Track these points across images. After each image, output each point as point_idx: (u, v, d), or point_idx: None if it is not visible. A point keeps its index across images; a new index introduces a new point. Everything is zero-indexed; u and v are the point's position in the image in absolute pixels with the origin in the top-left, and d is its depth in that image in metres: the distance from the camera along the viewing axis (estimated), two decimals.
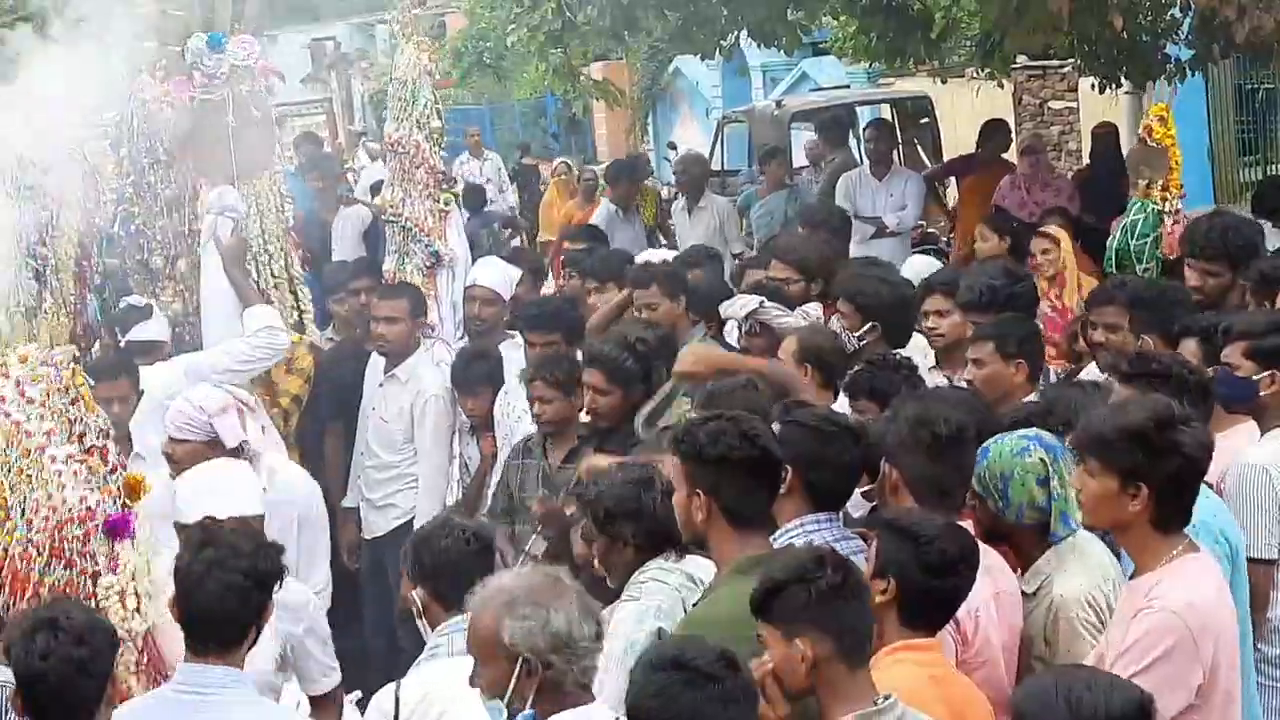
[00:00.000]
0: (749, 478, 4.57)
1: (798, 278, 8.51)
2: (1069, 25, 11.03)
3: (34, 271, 8.22)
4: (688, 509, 4.62)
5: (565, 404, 7.13)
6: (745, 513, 4.58)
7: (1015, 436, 4.85)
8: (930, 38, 13.27)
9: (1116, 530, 4.54)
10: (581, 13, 11.61)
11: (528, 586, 4.12)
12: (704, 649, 3.65)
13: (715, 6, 11.57)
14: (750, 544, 4.56)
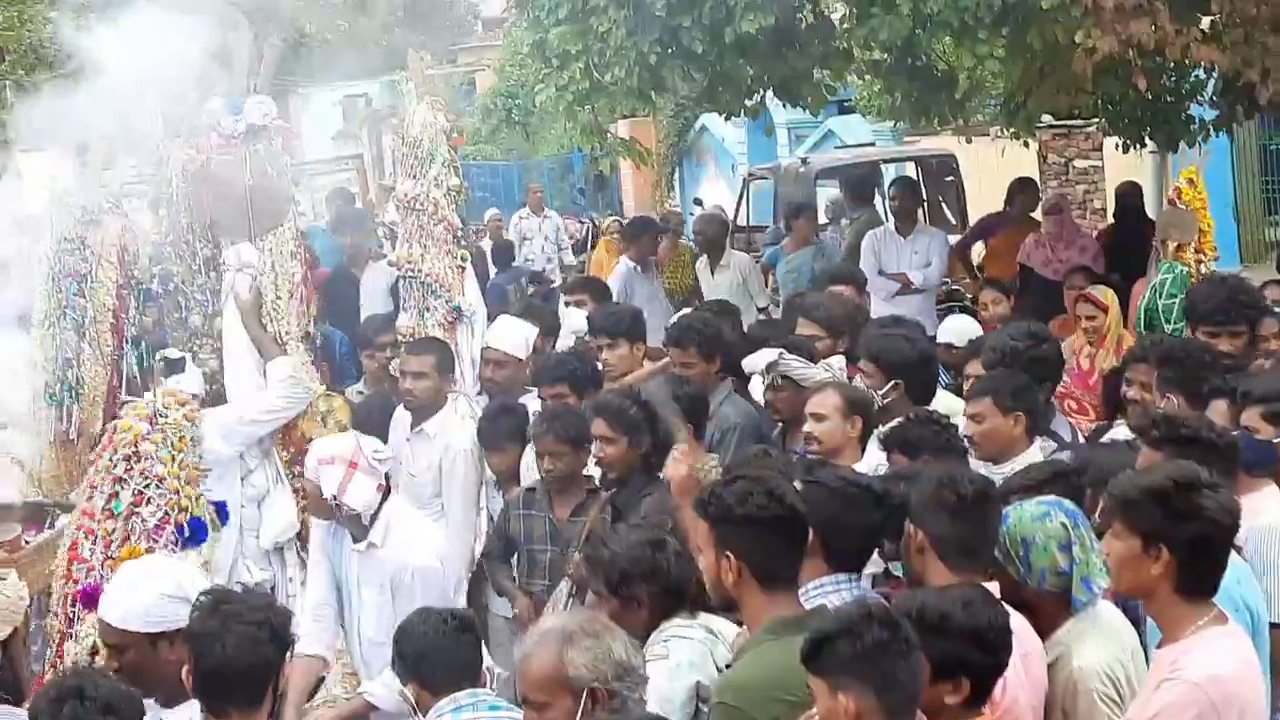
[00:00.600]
0: (776, 537, 4.56)
1: (824, 335, 8.56)
2: (1093, 86, 11.07)
3: (73, 323, 8.31)
4: (717, 571, 4.60)
5: (574, 458, 7.14)
6: (774, 573, 4.57)
7: (1035, 502, 4.85)
8: (955, 97, 13.29)
9: (1142, 596, 4.49)
10: (609, 73, 11.65)
11: (577, 621, 4.15)
12: None
13: (741, 66, 11.61)
14: (780, 604, 4.55)
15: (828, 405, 6.86)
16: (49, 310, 8.25)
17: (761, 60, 11.66)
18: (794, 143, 27.12)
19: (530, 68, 15.56)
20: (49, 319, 8.22)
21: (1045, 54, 10.66)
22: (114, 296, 8.47)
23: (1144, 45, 9.91)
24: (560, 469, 7.10)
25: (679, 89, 12.04)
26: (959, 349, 8.80)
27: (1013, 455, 6.47)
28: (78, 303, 8.33)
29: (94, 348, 8.36)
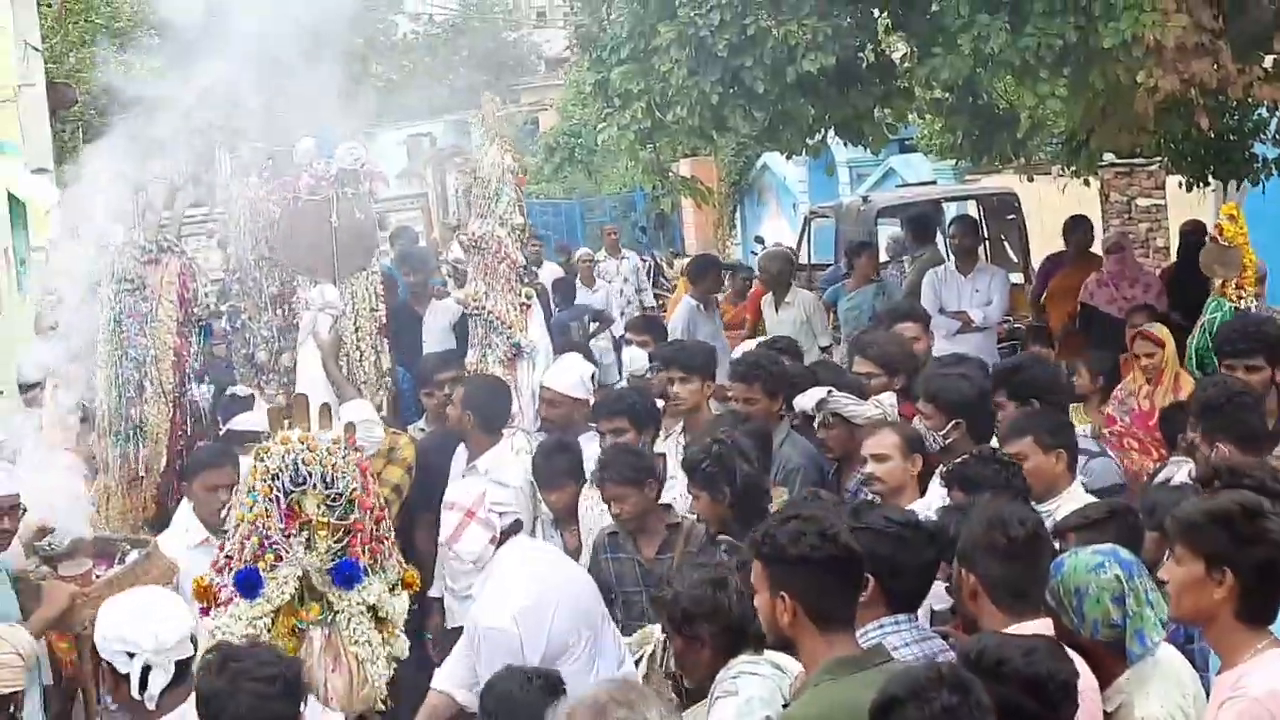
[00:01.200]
0: (831, 577, 4.52)
1: (879, 373, 8.55)
2: (1155, 125, 11.03)
3: (135, 362, 8.38)
4: (772, 612, 4.58)
5: (640, 497, 7.02)
6: (830, 613, 4.53)
7: (1091, 551, 4.76)
8: (1017, 136, 13.26)
9: (1203, 622, 4.47)
10: (670, 112, 11.69)
11: (610, 692, 4.03)
12: None
13: (802, 105, 11.62)
14: (837, 644, 4.51)
15: (888, 444, 6.86)
16: (111, 350, 8.33)
17: (823, 99, 11.66)
18: (855, 181, 27.15)
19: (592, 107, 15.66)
20: (112, 359, 8.30)
21: (1107, 93, 10.64)
22: (175, 334, 8.56)
23: (1206, 84, 9.89)
24: (629, 510, 7.00)
25: (740, 128, 12.05)
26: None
27: (1056, 493, 6.44)
28: (139, 342, 8.40)
29: (155, 386, 8.43)
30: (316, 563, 5.13)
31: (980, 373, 8.00)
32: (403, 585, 5.36)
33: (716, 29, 10.83)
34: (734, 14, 10.77)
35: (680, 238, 34.56)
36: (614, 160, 28.89)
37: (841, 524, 4.67)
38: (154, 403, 8.43)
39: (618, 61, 11.88)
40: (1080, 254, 13.58)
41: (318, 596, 5.27)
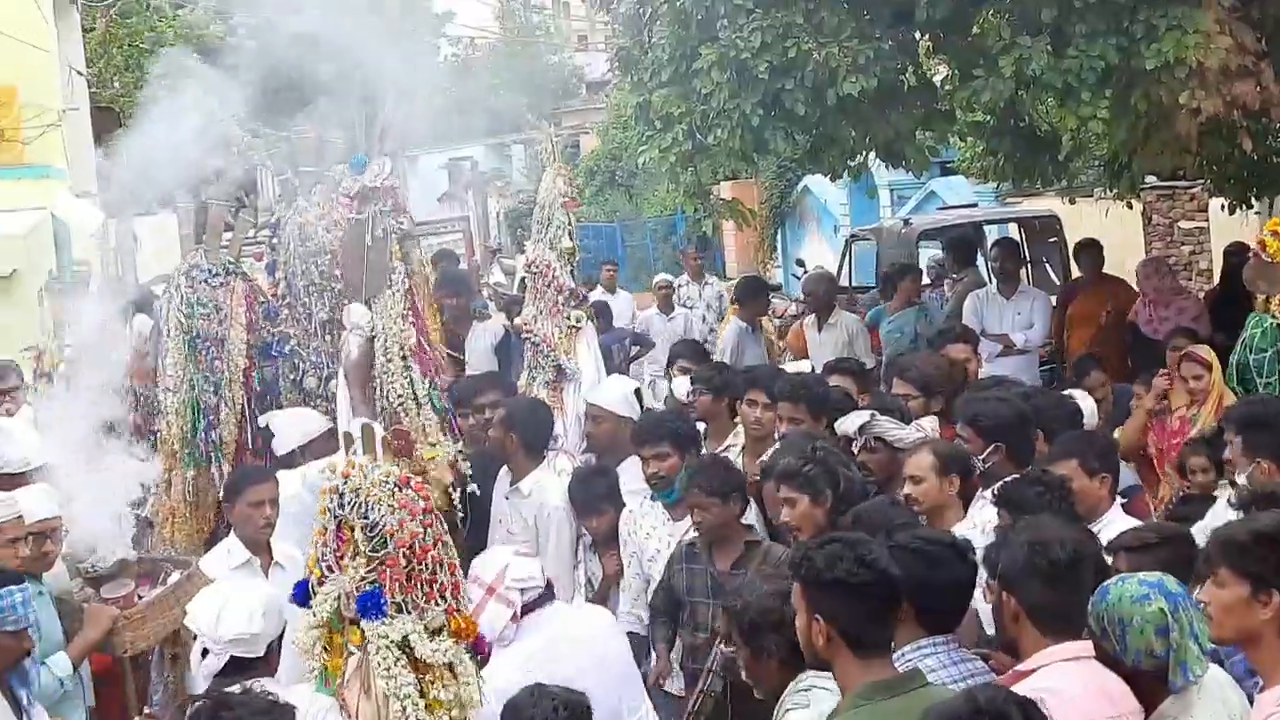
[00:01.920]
0: (867, 602, 4.53)
1: (917, 394, 8.58)
2: (1198, 147, 11.00)
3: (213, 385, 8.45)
4: (809, 633, 4.60)
5: (722, 509, 7.04)
6: (865, 637, 4.54)
7: (1138, 581, 4.70)
8: (1058, 158, 13.26)
9: (1245, 643, 4.46)
10: (711, 134, 11.72)
11: None
12: None
13: (844, 128, 11.64)
14: (873, 669, 4.52)
15: (923, 466, 6.86)
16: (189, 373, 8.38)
17: (864, 122, 11.67)
18: (896, 204, 27.13)
19: (633, 130, 15.67)
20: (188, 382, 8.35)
21: (1150, 115, 10.61)
22: (245, 357, 8.65)
23: (1249, 106, 9.89)
24: (709, 520, 7.04)
25: (782, 150, 12.08)
26: None
27: (1098, 515, 6.48)
28: (216, 365, 8.48)
29: (229, 407, 8.51)
30: (349, 588, 5.13)
31: (1020, 396, 8.00)
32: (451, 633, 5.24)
33: (757, 51, 10.84)
34: (775, 36, 10.79)
35: (721, 260, 34.57)
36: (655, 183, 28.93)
37: (881, 549, 4.67)
38: (227, 424, 8.50)
39: (659, 84, 11.92)
40: (1095, 277, 13.52)
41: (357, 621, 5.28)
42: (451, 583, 5.04)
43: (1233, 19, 9.98)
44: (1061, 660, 4.59)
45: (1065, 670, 4.55)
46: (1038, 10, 10.59)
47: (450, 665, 5.07)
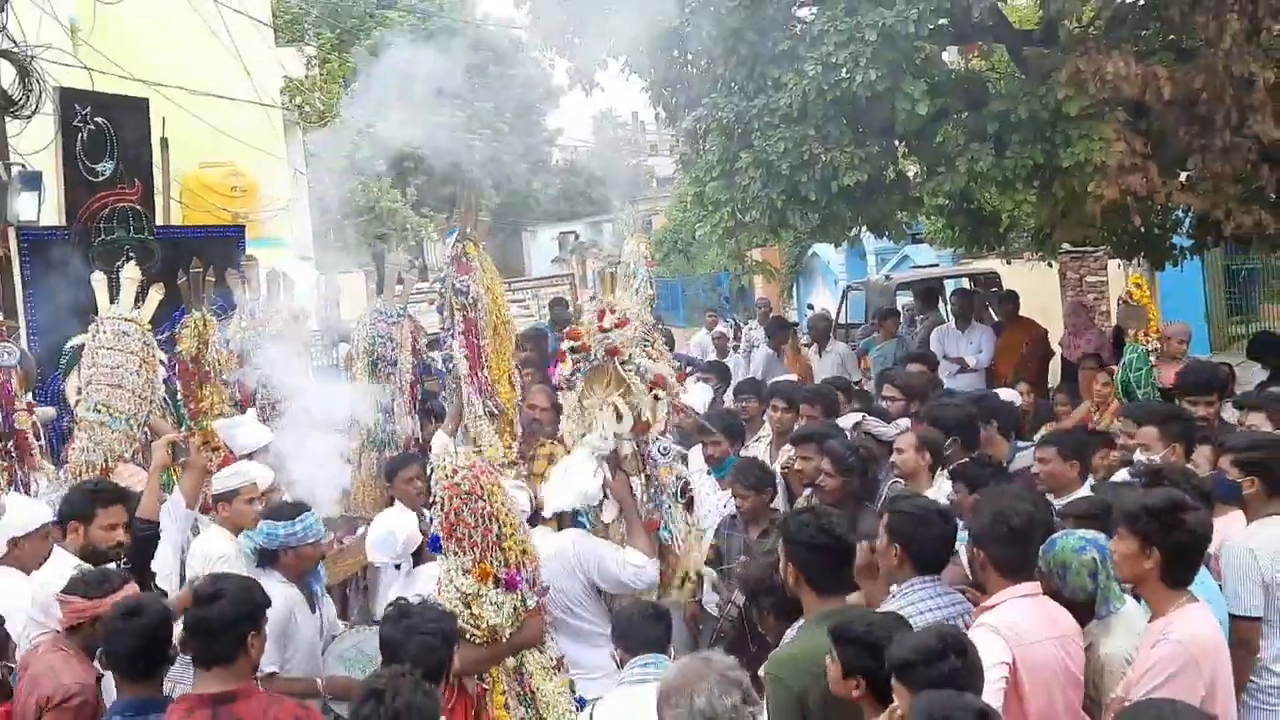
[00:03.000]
0: (824, 557, 4.64)
1: (901, 398, 8.58)
2: (1101, 223, 10.94)
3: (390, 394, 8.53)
4: (785, 574, 4.73)
5: (756, 498, 7.14)
6: (821, 581, 4.65)
7: (1077, 536, 4.77)
8: (998, 231, 13.20)
9: (1137, 584, 4.53)
10: (748, 214, 11.77)
11: (674, 678, 3.89)
12: (965, 707, 3.48)
13: (843, 210, 11.61)
14: (826, 603, 4.61)
15: (906, 442, 6.93)
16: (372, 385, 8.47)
17: (858, 205, 11.65)
18: (880, 264, 26.96)
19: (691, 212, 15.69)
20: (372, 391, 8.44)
21: (1066, 200, 10.57)
22: (411, 373, 8.71)
23: (1138, 193, 9.83)
24: (746, 505, 7.16)
25: (798, 226, 12.10)
26: None
27: (1070, 492, 6.44)
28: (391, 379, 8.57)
29: (401, 410, 8.57)
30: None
31: (969, 402, 8.00)
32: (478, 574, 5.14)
33: (781, 155, 10.86)
34: (794, 144, 10.81)
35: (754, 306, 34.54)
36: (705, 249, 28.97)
37: (840, 521, 4.74)
38: (400, 421, 8.56)
39: (710, 179, 11.95)
40: (1012, 319, 13.44)
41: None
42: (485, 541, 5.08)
43: (1126, 130, 9.92)
44: (1017, 597, 4.56)
45: (1020, 604, 4.53)
46: (984, 125, 10.56)
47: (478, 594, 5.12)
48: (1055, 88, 10.06)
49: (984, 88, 11.43)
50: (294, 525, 5.89)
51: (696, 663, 3.90)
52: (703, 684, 3.76)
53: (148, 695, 4.24)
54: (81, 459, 7.12)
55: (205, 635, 4.13)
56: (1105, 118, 9.94)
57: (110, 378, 7.23)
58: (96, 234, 10.15)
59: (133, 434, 7.36)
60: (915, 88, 10.37)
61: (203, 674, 4.14)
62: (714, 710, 3.73)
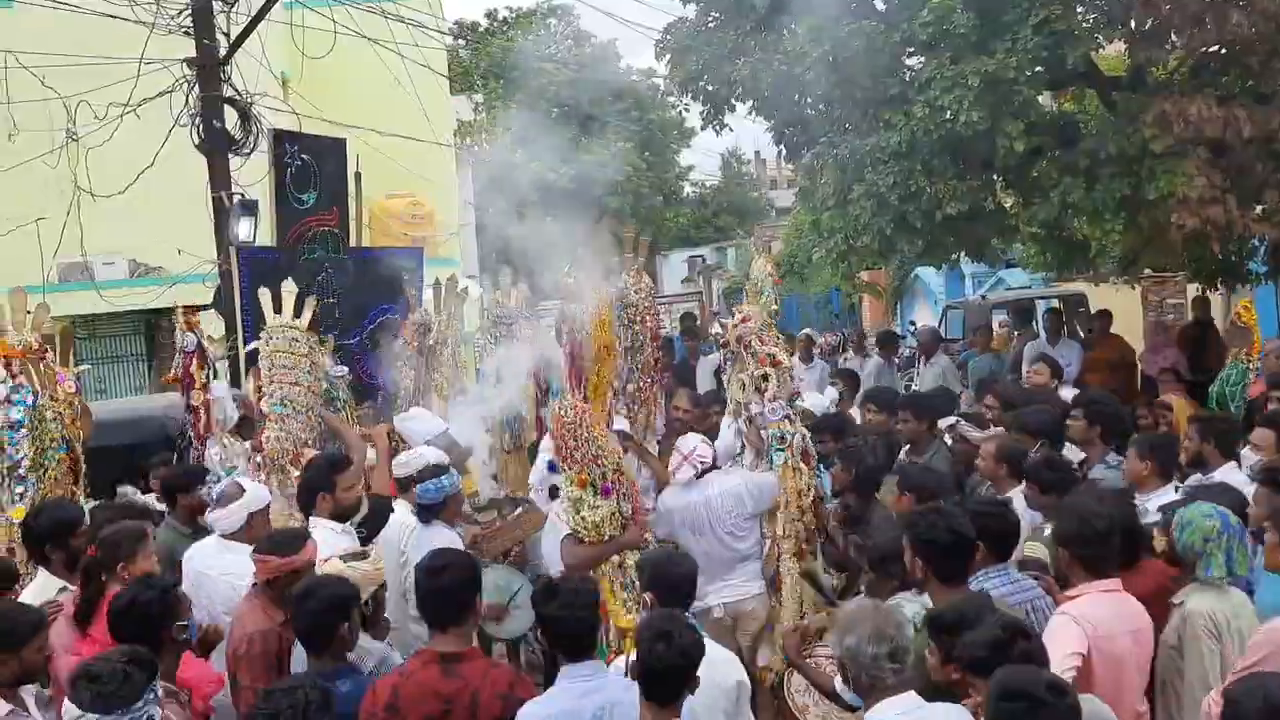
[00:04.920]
0: (947, 551, 4.55)
1: (997, 406, 8.40)
2: (1182, 250, 10.67)
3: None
4: (912, 566, 4.66)
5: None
6: (944, 572, 4.56)
7: (1211, 505, 4.68)
8: (1087, 257, 12.90)
9: None
10: (859, 240, 11.70)
11: (849, 612, 4.00)
12: (1037, 680, 3.30)
13: (945, 237, 11.50)
14: (951, 591, 4.51)
15: (986, 452, 6.82)
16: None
17: (959, 233, 11.53)
18: (976, 285, 26.47)
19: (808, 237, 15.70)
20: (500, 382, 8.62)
21: (1150, 229, 10.33)
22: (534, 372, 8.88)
23: (1218, 223, 9.56)
24: (838, 484, 7.06)
25: (905, 250, 11.98)
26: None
27: (1146, 489, 6.13)
28: None
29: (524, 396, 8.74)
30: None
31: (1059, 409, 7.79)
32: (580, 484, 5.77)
33: (890, 187, 10.80)
34: (902, 177, 10.74)
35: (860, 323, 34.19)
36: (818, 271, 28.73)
37: (964, 519, 4.63)
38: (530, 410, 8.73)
39: (825, 209, 11.95)
40: (1103, 335, 13.07)
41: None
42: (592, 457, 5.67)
43: (1207, 166, 9.65)
44: (1098, 591, 4.47)
45: (1101, 598, 4.44)
46: (1076, 161, 10.37)
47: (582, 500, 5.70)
48: (1142, 128, 9.85)
49: (1076, 127, 11.21)
50: (449, 478, 6.17)
51: (867, 608, 3.97)
52: (861, 627, 3.79)
53: (332, 667, 4.28)
54: (276, 446, 7.42)
55: (436, 601, 4.22)
56: (1188, 155, 9.69)
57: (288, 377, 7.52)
58: (301, 253, 10.50)
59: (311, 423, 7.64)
60: (1014, 127, 10.23)
61: (437, 634, 4.22)
62: (859, 652, 3.75)
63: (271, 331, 7.63)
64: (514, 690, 4.09)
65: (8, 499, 6.80)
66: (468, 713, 4.03)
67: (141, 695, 3.56)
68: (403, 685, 4.09)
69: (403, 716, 4.03)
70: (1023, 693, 3.21)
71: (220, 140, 10.97)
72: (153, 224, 15.85)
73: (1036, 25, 10.02)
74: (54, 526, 5.58)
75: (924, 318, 26.53)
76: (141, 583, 4.31)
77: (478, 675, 4.12)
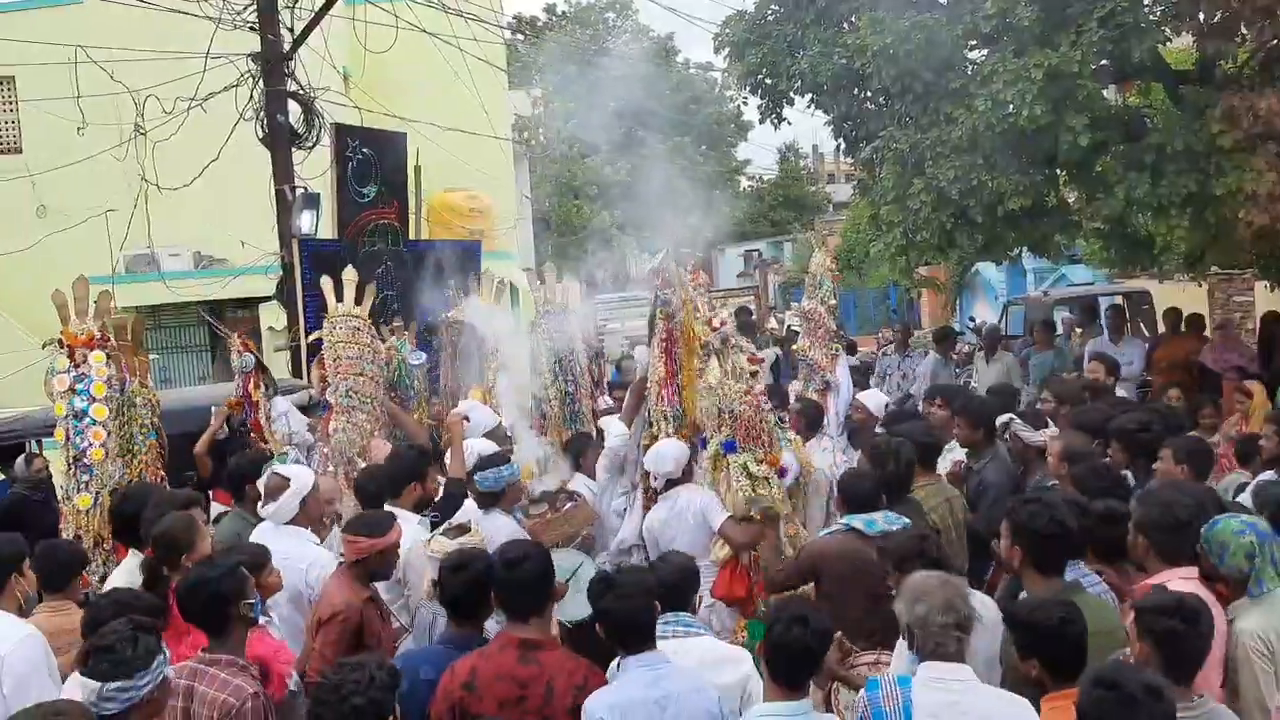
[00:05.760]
0: (1046, 541, 4.46)
1: (1054, 403, 8.34)
2: (1250, 247, 10.47)
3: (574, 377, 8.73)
4: (1009, 555, 4.56)
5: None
6: (1041, 562, 4.49)
7: (1240, 519, 4.54)
8: (1152, 253, 12.68)
9: None
10: (919, 235, 11.59)
11: (916, 582, 4.00)
12: (1136, 677, 3.28)
13: (1007, 231, 11.36)
14: (1048, 583, 4.44)
15: (1053, 450, 6.74)
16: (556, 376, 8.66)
17: (1020, 228, 11.38)
18: (1038, 281, 26.13)
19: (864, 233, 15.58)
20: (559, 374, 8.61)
21: (1217, 226, 10.13)
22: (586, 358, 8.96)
23: None
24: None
25: (965, 246, 11.85)
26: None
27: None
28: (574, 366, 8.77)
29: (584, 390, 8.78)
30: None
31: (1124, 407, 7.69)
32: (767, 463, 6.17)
33: (951, 182, 10.69)
34: (963, 172, 10.61)
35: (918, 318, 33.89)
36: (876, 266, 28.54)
37: (1067, 510, 4.54)
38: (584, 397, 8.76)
39: (885, 203, 11.83)
40: (1173, 333, 12.86)
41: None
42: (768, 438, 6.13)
43: (1276, 161, 9.44)
44: (1178, 579, 4.41)
45: (1180, 585, 4.32)
46: (1141, 156, 10.19)
47: (766, 478, 6.07)
48: (1210, 122, 9.66)
49: (1142, 122, 11.02)
50: (509, 467, 6.26)
51: (936, 579, 3.98)
52: (931, 596, 3.85)
53: (469, 632, 4.51)
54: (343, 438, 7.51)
55: (515, 591, 4.32)
56: (1257, 150, 9.49)
57: (354, 367, 7.62)
58: (361, 245, 10.64)
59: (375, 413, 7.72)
60: (1077, 121, 10.07)
61: (517, 623, 4.31)
62: (927, 621, 3.82)
63: (334, 320, 7.73)
64: (588, 683, 4.14)
65: (74, 486, 6.96)
66: (542, 700, 4.11)
67: (154, 658, 3.65)
68: (481, 666, 4.21)
69: (479, 696, 4.14)
70: (1117, 684, 3.20)
71: (283, 134, 11.14)
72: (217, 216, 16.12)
73: (1102, 18, 9.85)
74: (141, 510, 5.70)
75: (983, 314, 26.25)
76: (206, 563, 4.40)
77: (555, 664, 4.20)
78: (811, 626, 3.81)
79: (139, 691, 3.59)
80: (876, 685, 3.86)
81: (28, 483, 8.41)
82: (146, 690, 3.61)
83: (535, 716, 4.11)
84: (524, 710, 4.11)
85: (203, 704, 3.99)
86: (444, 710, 4.17)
